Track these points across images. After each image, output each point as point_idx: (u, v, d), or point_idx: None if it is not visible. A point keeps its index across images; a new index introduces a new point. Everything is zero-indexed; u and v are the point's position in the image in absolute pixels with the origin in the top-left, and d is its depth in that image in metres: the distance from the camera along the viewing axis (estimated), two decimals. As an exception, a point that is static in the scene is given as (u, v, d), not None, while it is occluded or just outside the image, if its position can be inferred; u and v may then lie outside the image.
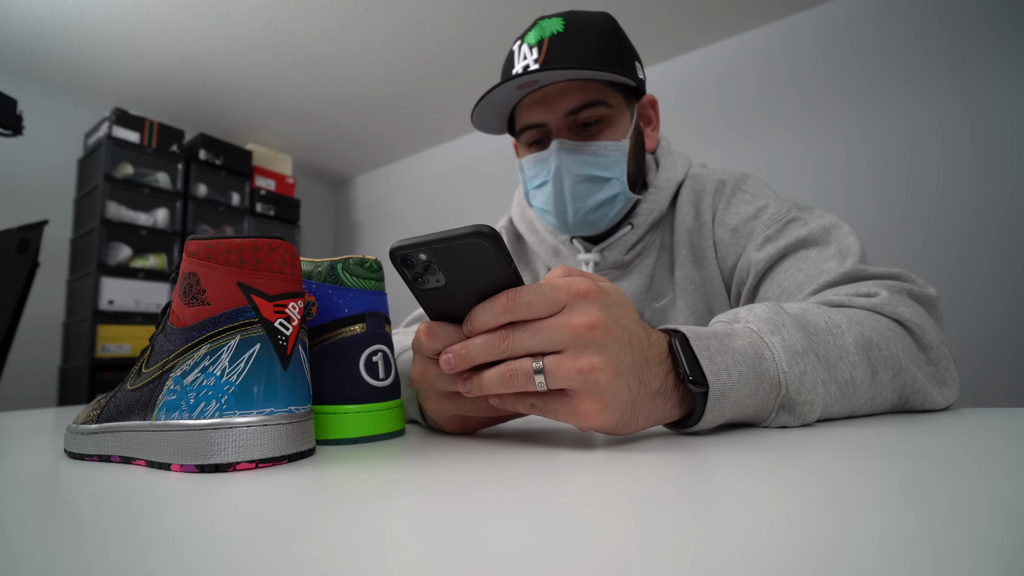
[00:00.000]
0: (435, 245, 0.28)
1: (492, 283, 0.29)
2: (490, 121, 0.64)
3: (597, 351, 0.28)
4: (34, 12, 1.93)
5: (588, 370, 0.27)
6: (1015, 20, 1.70)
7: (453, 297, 0.30)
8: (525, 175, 0.63)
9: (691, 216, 0.62)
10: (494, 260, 0.28)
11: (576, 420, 0.29)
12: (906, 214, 1.83)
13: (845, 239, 0.50)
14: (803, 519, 0.16)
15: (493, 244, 0.27)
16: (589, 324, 0.28)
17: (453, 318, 0.32)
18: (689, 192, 0.63)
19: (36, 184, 2.28)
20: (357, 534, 0.16)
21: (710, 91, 2.26)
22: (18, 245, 1.16)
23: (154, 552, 0.15)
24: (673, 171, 0.64)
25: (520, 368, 0.29)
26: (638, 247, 0.63)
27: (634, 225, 0.63)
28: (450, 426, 0.38)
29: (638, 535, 0.15)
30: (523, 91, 0.58)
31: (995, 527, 0.15)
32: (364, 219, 3.52)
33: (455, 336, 0.31)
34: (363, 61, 2.30)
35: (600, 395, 0.28)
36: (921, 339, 0.39)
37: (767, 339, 0.33)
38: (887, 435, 0.30)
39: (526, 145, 0.63)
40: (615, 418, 0.28)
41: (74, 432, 0.33)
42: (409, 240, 0.28)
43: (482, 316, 0.29)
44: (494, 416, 0.36)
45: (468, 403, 0.35)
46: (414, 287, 0.30)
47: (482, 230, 0.27)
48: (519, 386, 0.29)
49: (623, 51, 0.59)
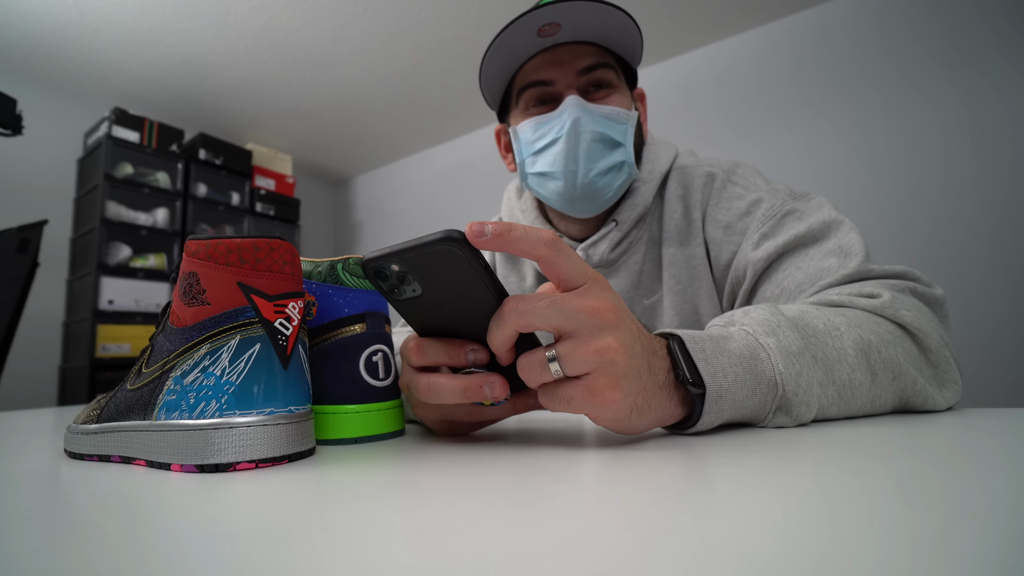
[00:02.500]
0: (405, 255, 0.27)
1: (468, 288, 0.28)
2: (494, 78, 0.61)
3: (611, 332, 0.28)
4: (34, 12, 1.93)
5: (604, 350, 0.27)
6: (1015, 20, 1.70)
7: (432, 306, 0.30)
8: (522, 140, 0.60)
9: (679, 212, 0.60)
10: (466, 265, 0.27)
11: (593, 401, 0.28)
12: (906, 214, 1.83)
13: (847, 235, 0.49)
14: (802, 520, 0.16)
15: (464, 249, 0.26)
16: (604, 307, 0.28)
17: (435, 328, 0.32)
18: (677, 186, 0.61)
19: (36, 184, 2.28)
20: (357, 534, 0.16)
21: (710, 91, 2.25)
22: (18, 245, 1.16)
23: (154, 552, 0.15)
24: (656, 162, 0.62)
25: (535, 357, 0.29)
26: (624, 244, 0.61)
27: (619, 222, 0.61)
28: (439, 429, 0.38)
29: (638, 535, 0.15)
30: (540, 42, 0.56)
31: (995, 527, 0.15)
32: (364, 219, 3.51)
33: (444, 354, 0.32)
34: (363, 61, 2.30)
35: (615, 375, 0.28)
36: (922, 342, 0.39)
37: (763, 341, 0.33)
38: (886, 435, 0.30)
39: (525, 110, 0.60)
40: (629, 402, 0.28)
41: (74, 432, 0.33)
42: (380, 251, 0.28)
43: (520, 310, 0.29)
44: (479, 421, 0.36)
45: (452, 409, 0.35)
46: (391, 298, 0.30)
47: (452, 235, 0.26)
48: (534, 376, 0.29)
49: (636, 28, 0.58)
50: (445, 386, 0.31)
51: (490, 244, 0.27)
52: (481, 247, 0.27)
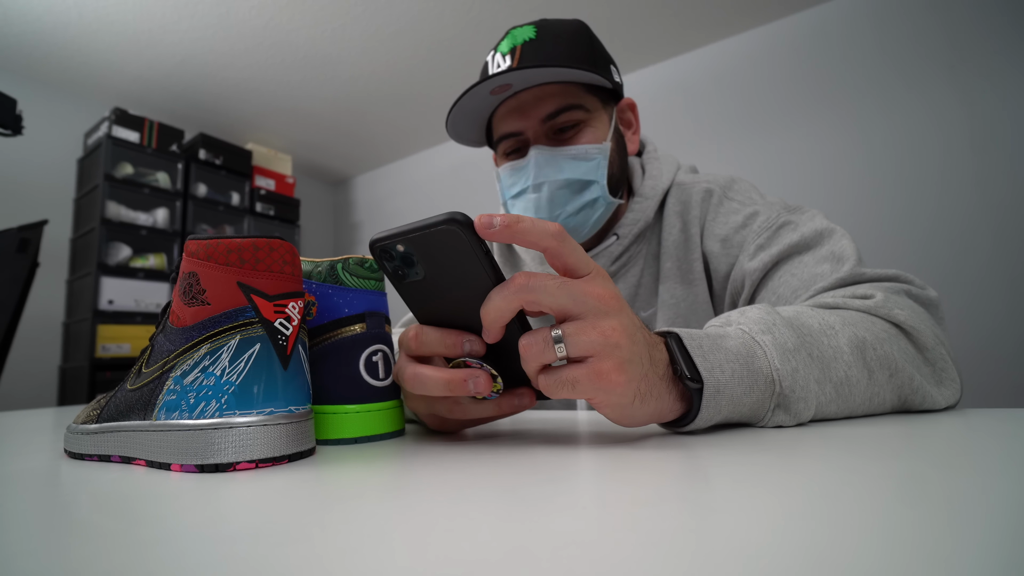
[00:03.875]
0: (411, 235, 0.28)
1: (469, 273, 0.29)
2: (467, 132, 0.63)
3: (615, 317, 0.29)
4: (34, 12, 1.93)
5: (609, 332, 0.28)
6: (1015, 20, 1.70)
7: (434, 291, 0.30)
8: (503, 184, 0.62)
9: (678, 228, 0.62)
10: (468, 248, 0.27)
11: (598, 383, 0.28)
12: (906, 214, 1.83)
13: (839, 242, 0.50)
14: (802, 520, 0.16)
15: (466, 231, 0.27)
16: (608, 294, 0.29)
17: (436, 316, 0.32)
18: (676, 202, 0.63)
19: (36, 184, 2.28)
20: (357, 534, 0.16)
21: (710, 91, 2.25)
22: (18, 245, 1.16)
23: (154, 552, 0.15)
24: (659, 178, 0.64)
25: (540, 336, 0.29)
26: (624, 257, 0.63)
27: (619, 236, 0.62)
28: (430, 423, 0.38)
29: (638, 535, 0.15)
30: (498, 97, 0.57)
31: (995, 527, 0.15)
32: (364, 219, 3.52)
33: (441, 343, 0.32)
34: (363, 61, 2.30)
35: (620, 358, 0.28)
36: (917, 340, 0.39)
37: (758, 338, 0.33)
38: (886, 435, 0.30)
39: (504, 155, 0.62)
40: (633, 387, 0.29)
41: (74, 432, 0.33)
42: (387, 232, 0.28)
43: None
44: (465, 419, 0.36)
45: (437, 404, 0.35)
46: (395, 280, 0.31)
47: (456, 217, 0.26)
48: (538, 355, 0.29)
49: (597, 55, 0.58)
50: (429, 377, 0.32)
51: (498, 235, 0.28)
52: (490, 239, 0.27)
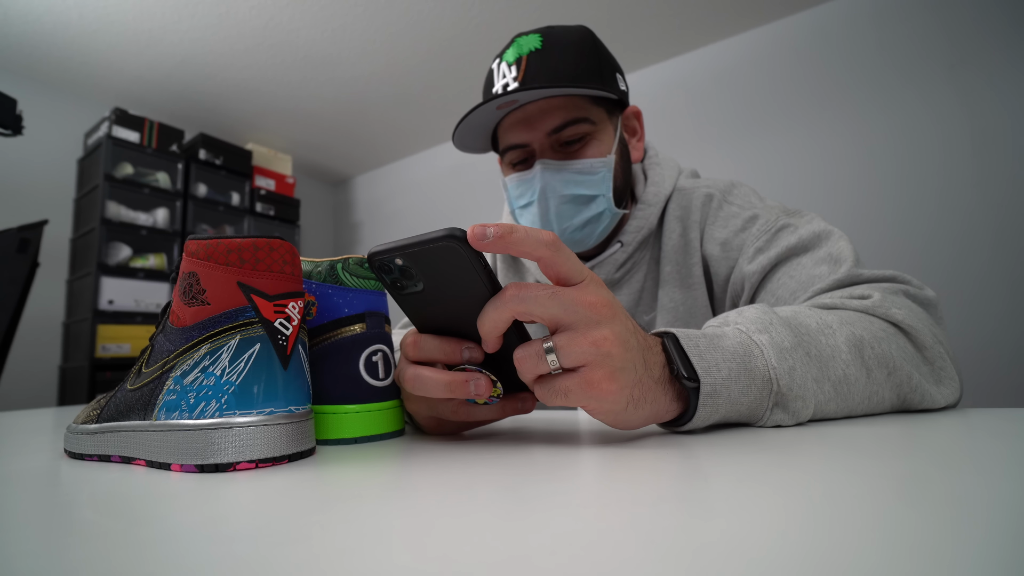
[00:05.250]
0: (409, 249, 0.28)
1: (467, 286, 0.29)
2: (472, 142, 0.63)
3: (607, 326, 0.28)
4: (34, 12, 1.93)
5: (600, 342, 0.28)
6: (1015, 20, 1.70)
7: (432, 302, 0.30)
8: (510, 194, 0.63)
9: (677, 233, 0.62)
10: (467, 263, 0.28)
11: (590, 392, 0.28)
12: (906, 214, 1.83)
13: (836, 243, 0.50)
14: (802, 520, 0.16)
15: (464, 247, 0.27)
16: (600, 302, 0.29)
17: (435, 325, 0.32)
18: (676, 207, 0.63)
19: (36, 184, 2.28)
20: (357, 534, 0.16)
21: (710, 91, 2.25)
22: (18, 245, 1.16)
23: (154, 552, 0.15)
24: (661, 184, 0.64)
25: (533, 348, 0.29)
26: (628, 264, 0.64)
27: (623, 243, 0.63)
28: (427, 426, 0.38)
29: (638, 535, 0.15)
30: (504, 111, 0.58)
31: (995, 527, 0.15)
32: (364, 219, 3.51)
33: (440, 351, 0.32)
34: (363, 61, 2.30)
35: (612, 367, 0.28)
36: (915, 339, 0.39)
37: (755, 337, 0.33)
38: (885, 435, 0.30)
39: (510, 165, 0.62)
40: (625, 394, 0.29)
41: (74, 432, 0.33)
42: (385, 245, 0.28)
43: None
44: (466, 421, 0.36)
45: (439, 406, 0.35)
46: (394, 292, 0.31)
47: (454, 233, 0.26)
48: (532, 368, 0.29)
49: (603, 64, 0.58)
50: (430, 379, 0.32)
51: (492, 246, 0.27)
52: (483, 250, 0.27)
